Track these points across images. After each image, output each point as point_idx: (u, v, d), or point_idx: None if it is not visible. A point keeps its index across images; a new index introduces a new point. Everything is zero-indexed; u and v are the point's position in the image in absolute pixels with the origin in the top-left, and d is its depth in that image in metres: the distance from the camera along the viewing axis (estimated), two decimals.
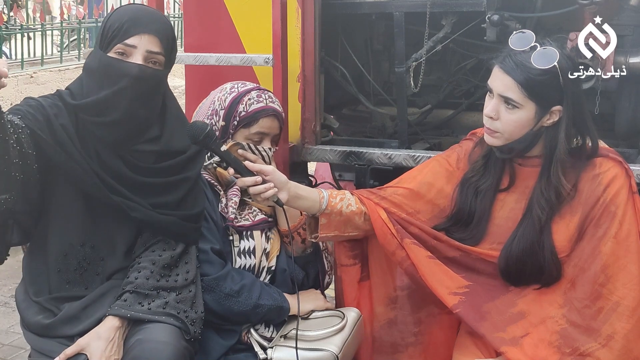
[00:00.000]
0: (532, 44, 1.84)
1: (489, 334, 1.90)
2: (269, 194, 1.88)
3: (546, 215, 1.89)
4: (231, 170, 1.89)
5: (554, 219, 1.90)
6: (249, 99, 2.11)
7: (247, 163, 1.91)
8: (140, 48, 1.79)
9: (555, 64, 1.81)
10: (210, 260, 1.97)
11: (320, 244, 2.19)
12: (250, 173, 1.88)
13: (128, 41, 1.78)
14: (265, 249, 2.09)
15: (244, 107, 2.10)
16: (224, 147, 1.90)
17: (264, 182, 1.88)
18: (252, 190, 1.88)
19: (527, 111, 1.85)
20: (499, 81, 1.86)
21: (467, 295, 1.96)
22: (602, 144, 1.95)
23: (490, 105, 1.89)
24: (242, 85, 2.17)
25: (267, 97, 2.14)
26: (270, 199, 1.90)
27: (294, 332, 1.96)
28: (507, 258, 1.93)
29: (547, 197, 1.88)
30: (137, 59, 1.79)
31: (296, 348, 1.90)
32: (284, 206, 1.94)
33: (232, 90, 2.15)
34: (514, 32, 1.91)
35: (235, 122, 2.09)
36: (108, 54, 1.79)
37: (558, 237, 1.90)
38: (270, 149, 2.13)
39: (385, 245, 2.02)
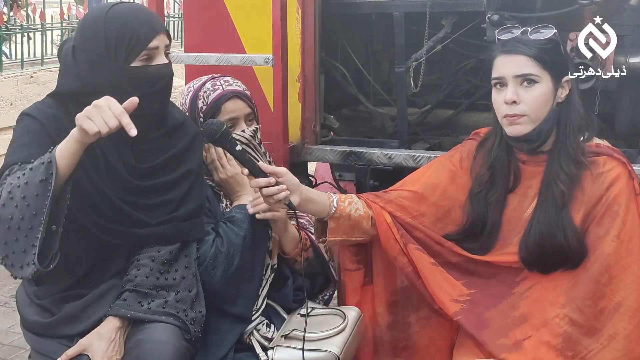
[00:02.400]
0: (522, 29, 1.88)
1: (490, 342, 1.90)
2: (282, 195, 1.86)
3: (568, 189, 1.87)
4: (245, 171, 1.89)
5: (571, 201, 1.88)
6: (205, 92, 2.10)
7: (260, 164, 1.90)
8: (160, 48, 1.81)
9: (555, 31, 1.85)
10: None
11: (326, 255, 2.18)
12: (264, 174, 1.87)
13: (151, 45, 1.79)
14: (267, 247, 2.09)
15: (202, 102, 2.09)
16: (238, 147, 1.89)
17: (277, 183, 1.87)
18: (265, 191, 1.86)
19: (545, 83, 1.85)
20: (510, 64, 1.86)
21: (468, 303, 1.96)
22: (605, 143, 1.95)
23: (508, 91, 1.86)
24: (197, 81, 2.16)
25: (222, 83, 2.12)
26: (282, 201, 1.88)
27: (294, 332, 1.96)
28: (526, 247, 1.92)
29: (568, 170, 1.87)
30: (161, 58, 1.82)
31: (302, 350, 1.90)
32: (296, 210, 1.93)
33: (189, 90, 2.15)
34: (496, 30, 1.94)
35: (201, 120, 2.08)
36: (132, 65, 1.78)
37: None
38: (245, 130, 2.08)
39: (388, 249, 2.02)
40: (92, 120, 1.58)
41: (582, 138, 1.91)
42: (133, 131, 1.59)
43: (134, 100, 1.62)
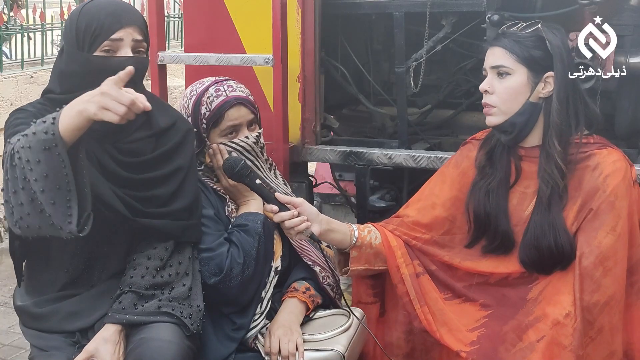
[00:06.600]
0: (518, 24, 1.94)
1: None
2: (303, 227, 1.85)
3: (550, 190, 1.88)
4: (267, 206, 1.88)
5: (562, 202, 1.89)
6: (208, 98, 2.05)
7: (276, 195, 1.88)
8: (126, 40, 1.79)
9: (539, 26, 1.89)
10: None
11: (331, 292, 2.14)
12: (284, 206, 1.85)
13: (114, 36, 1.77)
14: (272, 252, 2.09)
15: (206, 108, 2.05)
16: (258, 181, 1.89)
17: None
18: (287, 224, 1.85)
19: (519, 76, 1.89)
20: (490, 56, 1.93)
21: (486, 325, 1.94)
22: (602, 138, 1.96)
23: (485, 80, 1.93)
24: (200, 85, 2.11)
25: (226, 88, 2.07)
26: (304, 232, 1.86)
27: None
28: (524, 249, 1.93)
29: (549, 170, 1.89)
30: (126, 51, 1.79)
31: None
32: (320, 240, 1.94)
33: (192, 94, 2.10)
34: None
35: (204, 126, 2.03)
36: (94, 54, 1.78)
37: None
38: (248, 137, 2.06)
39: (391, 275, 2.03)
40: (109, 109, 1.54)
41: (580, 133, 1.91)
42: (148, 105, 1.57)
43: (129, 70, 1.58)
